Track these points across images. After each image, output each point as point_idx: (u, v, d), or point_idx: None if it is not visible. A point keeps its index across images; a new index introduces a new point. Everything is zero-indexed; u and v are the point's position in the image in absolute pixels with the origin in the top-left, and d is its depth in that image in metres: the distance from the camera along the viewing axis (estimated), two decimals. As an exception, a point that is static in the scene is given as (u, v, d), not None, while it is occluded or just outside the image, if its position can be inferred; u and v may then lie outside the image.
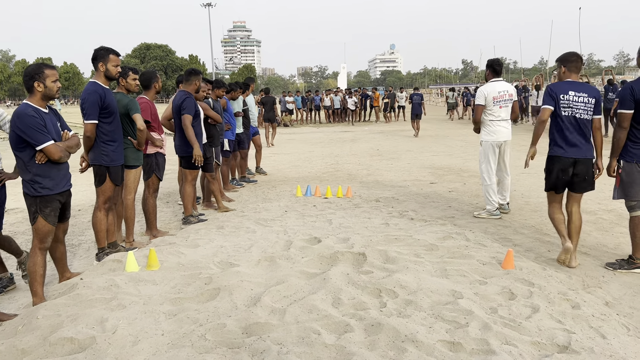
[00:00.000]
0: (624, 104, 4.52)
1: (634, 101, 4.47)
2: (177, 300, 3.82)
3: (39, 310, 3.62)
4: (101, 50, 4.87)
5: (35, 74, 3.95)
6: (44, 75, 3.97)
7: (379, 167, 11.52)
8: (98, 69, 4.86)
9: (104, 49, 4.87)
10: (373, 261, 4.54)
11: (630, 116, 4.51)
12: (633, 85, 4.52)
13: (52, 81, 4.01)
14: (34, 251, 4.05)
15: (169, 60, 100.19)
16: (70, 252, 5.57)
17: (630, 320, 3.61)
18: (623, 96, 4.53)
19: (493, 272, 4.30)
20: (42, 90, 3.96)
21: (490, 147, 6.64)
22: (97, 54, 4.86)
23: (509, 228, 6.05)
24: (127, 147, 5.24)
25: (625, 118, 4.52)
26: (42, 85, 3.96)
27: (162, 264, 4.60)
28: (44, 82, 3.96)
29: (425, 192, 8.39)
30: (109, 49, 4.90)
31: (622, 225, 6.02)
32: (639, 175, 4.53)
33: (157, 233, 5.99)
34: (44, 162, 3.94)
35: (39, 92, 3.97)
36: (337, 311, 3.54)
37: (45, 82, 3.97)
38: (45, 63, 4.11)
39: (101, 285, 4.08)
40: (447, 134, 19.64)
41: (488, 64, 6.80)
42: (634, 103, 4.47)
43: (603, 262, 4.81)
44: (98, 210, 4.96)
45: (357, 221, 6.33)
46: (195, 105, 6.35)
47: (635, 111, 4.50)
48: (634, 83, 4.54)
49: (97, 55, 4.85)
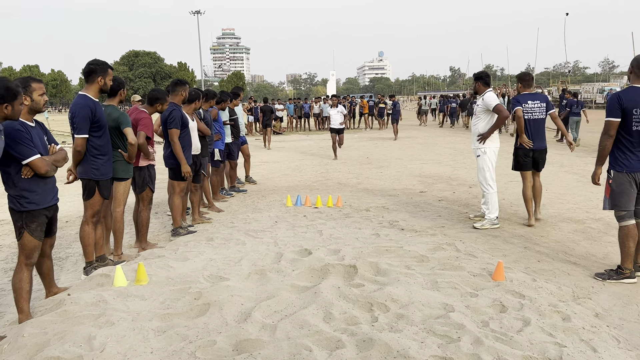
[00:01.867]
0: (611, 112, 4.56)
1: (621, 110, 4.51)
2: (167, 316, 3.77)
3: (25, 328, 3.56)
4: (101, 64, 4.81)
5: (22, 88, 3.91)
6: (30, 89, 3.94)
7: (369, 175, 11.53)
8: (95, 82, 4.78)
9: (104, 63, 4.83)
10: (364, 274, 4.52)
11: (616, 124, 4.55)
12: (620, 94, 4.57)
13: (39, 95, 3.99)
14: (19, 267, 3.98)
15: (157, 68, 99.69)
16: (58, 265, 5.50)
17: (620, 332, 3.62)
18: (610, 104, 4.58)
19: (484, 284, 4.31)
20: (28, 104, 3.93)
21: (494, 154, 6.70)
22: (96, 67, 4.78)
23: (499, 238, 6.07)
24: (117, 160, 5.19)
25: (612, 126, 4.56)
26: (29, 99, 3.93)
27: (151, 278, 4.55)
28: (30, 96, 3.93)
29: (415, 201, 8.40)
30: (107, 63, 4.88)
31: (611, 234, 6.06)
32: (629, 185, 4.57)
33: (146, 245, 5.93)
34: (30, 177, 3.89)
35: (25, 106, 3.93)
36: (329, 326, 3.52)
37: (32, 96, 3.94)
38: (32, 77, 4.08)
39: (89, 301, 4.02)
40: (436, 141, 19.74)
41: (479, 77, 6.82)
42: (621, 112, 4.51)
43: (592, 272, 4.84)
44: (86, 223, 4.90)
45: (348, 232, 6.32)
46: (182, 116, 6.30)
47: (623, 121, 4.53)
48: (621, 92, 4.59)
49: (97, 69, 4.77)
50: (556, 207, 7.69)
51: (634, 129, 4.50)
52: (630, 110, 4.48)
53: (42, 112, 4.11)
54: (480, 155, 6.71)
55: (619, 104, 4.52)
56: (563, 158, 13.32)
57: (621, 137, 4.58)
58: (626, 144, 4.56)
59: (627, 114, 4.50)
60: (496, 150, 6.72)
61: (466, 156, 14.09)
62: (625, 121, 4.52)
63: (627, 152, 4.57)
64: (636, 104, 4.46)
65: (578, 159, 12.90)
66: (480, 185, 6.77)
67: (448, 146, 17.53)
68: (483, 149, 6.69)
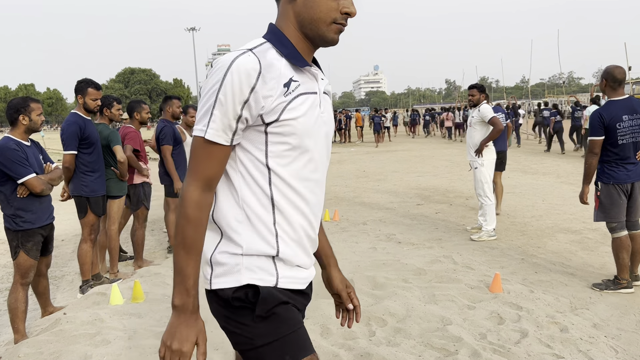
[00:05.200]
0: (594, 131, 4.54)
1: (604, 127, 4.49)
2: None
3: (21, 348, 3.54)
4: (81, 83, 4.90)
5: (21, 107, 3.95)
6: (29, 109, 3.97)
7: (366, 188, 11.54)
8: (78, 101, 4.88)
9: (84, 82, 4.89)
10: (361, 287, 4.52)
11: (600, 142, 4.54)
12: (601, 112, 4.53)
13: (37, 115, 4.02)
14: (15, 287, 3.96)
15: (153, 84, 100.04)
16: (53, 284, 5.47)
17: (618, 342, 3.62)
18: (592, 123, 4.56)
19: (481, 296, 4.30)
20: (26, 123, 3.96)
21: (491, 166, 6.73)
22: (77, 86, 4.92)
23: (496, 250, 6.07)
24: (110, 178, 5.20)
25: (597, 145, 4.56)
26: (28, 119, 3.96)
27: (147, 296, 4.54)
28: (29, 116, 3.96)
29: (412, 214, 8.41)
30: (89, 82, 4.91)
31: (607, 244, 6.06)
32: (617, 196, 4.58)
33: (142, 263, 5.91)
34: (25, 196, 3.89)
35: (23, 125, 3.96)
36: (326, 341, 3.50)
37: (30, 116, 3.97)
38: (30, 97, 4.12)
39: (85, 319, 4.00)
40: (432, 154, 19.80)
41: (483, 89, 6.85)
42: (604, 129, 4.50)
43: (589, 282, 4.84)
44: (84, 242, 4.89)
45: (345, 246, 6.31)
46: (174, 133, 6.33)
47: (607, 136, 4.51)
48: (602, 109, 4.56)
49: (77, 88, 4.90)
50: (553, 217, 7.71)
51: (619, 143, 4.49)
52: (613, 125, 4.46)
53: (38, 131, 4.13)
54: (478, 167, 6.70)
55: (601, 122, 4.50)
56: (559, 168, 13.38)
57: (608, 151, 4.57)
58: (613, 157, 4.55)
59: (611, 130, 4.48)
60: (493, 162, 6.75)
61: (462, 168, 14.12)
62: (610, 136, 4.51)
63: (613, 164, 4.56)
64: (618, 118, 4.46)
65: (574, 170, 12.95)
66: (478, 197, 6.75)
67: (444, 158, 17.58)
68: (481, 160, 6.68)
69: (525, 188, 10.54)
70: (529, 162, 15.16)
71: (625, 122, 4.47)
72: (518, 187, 10.65)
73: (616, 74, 4.52)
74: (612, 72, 4.53)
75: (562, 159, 15.61)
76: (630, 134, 4.49)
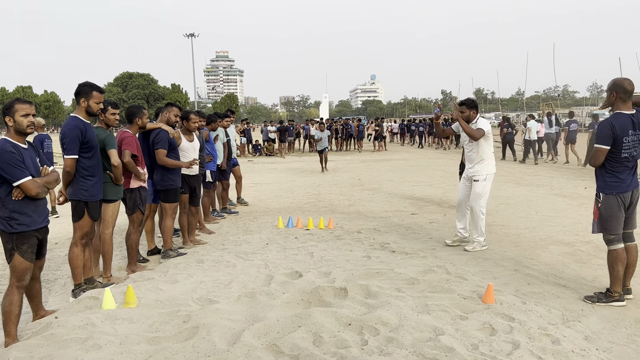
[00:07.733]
0: (603, 140, 4.52)
1: (613, 137, 4.47)
2: (155, 340, 3.74)
3: (11, 352, 3.52)
4: (85, 86, 4.86)
5: (6, 109, 3.93)
6: (13, 110, 3.93)
7: (361, 197, 11.56)
8: (80, 104, 4.84)
9: (88, 85, 4.87)
10: (355, 296, 4.52)
11: (606, 151, 4.54)
12: (612, 121, 4.50)
13: (21, 115, 3.93)
14: (10, 290, 3.95)
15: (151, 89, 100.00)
16: (46, 288, 5.44)
17: (610, 355, 3.63)
18: (602, 131, 4.53)
19: (474, 307, 4.31)
20: (12, 124, 3.92)
21: (492, 180, 6.69)
22: (80, 89, 4.85)
23: (489, 260, 6.09)
24: (105, 182, 5.19)
25: (602, 153, 4.55)
26: (12, 120, 3.91)
27: (139, 301, 4.52)
28: (13, 117, 3.92)
29: (407, 223, 8.43)
30: (93, 85, 4.90)
31: (600, 257, 6.10)
32: (617, 208, 4.60)
33: (136, 268, 5.89)
34: (21, 198, 3.88)
35: (10, 127, 3.93)
36: (319, 350, 3.50)
37: (14, 117, 3.92)
38: (19, 98, 4.06)
39: (76, 324, 3.98)
40: (427, 164, 19.86)
41: (474, 105, 6.74)
42: (612, 139, 4.49)
43: (582, 295, 4.86)
44: (75, 245, 4.88)
45: (339, 254, 6.31)
46: (168, 138, 6.34)
47: (612, 147, 4.50)
48: (612, 119, 4.52)
49: (81, 91, 4.84)
50: (546, 229, 7.74)
51: (622, 155, 4.52)
52: (621, 138, 4.47)
53: (28, 133, 4.05)
54: (479, 180, 6.60)
55: (612, 132, 4.47)
56: (553, 181, 13.44)
57: (609, 162, 4.59)
58: (614, 168, 4.59)
59: (618, 142, 4.48)
60: (493, 176, 6.71)
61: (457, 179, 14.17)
62: (615, 148, 4.51)
63: (615, 175, 4.59)
64: (626, 132, 4.47)
65: (567, 182, 13.01)
66: (473, 210, 6.66)
67: (439, 169, 17.64)
68: (484, 175, 6.59)
69: (519, 199, 10.59)
70: (523, 174, 15.23)
71: (631, 136, 4.51)
72: (512, 199, 10.69)
73: (626, 86, 4.51)
74: (622, 84, 4.52)
75: (556, 172, 15.69)
76: (633, 148, 4.54)
